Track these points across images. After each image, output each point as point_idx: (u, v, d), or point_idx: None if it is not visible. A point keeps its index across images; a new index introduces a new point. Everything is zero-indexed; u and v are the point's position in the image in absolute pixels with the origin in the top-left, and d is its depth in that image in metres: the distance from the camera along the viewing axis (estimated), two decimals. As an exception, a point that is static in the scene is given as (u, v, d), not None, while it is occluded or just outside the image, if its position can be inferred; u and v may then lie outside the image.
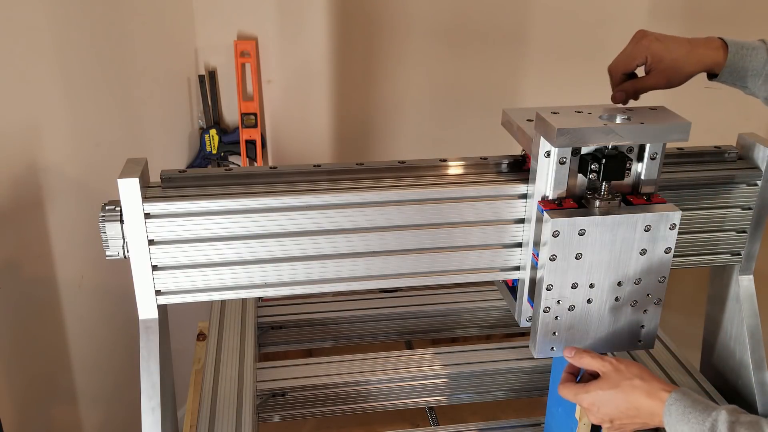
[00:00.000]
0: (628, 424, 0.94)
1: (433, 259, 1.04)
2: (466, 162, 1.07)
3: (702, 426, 0.83)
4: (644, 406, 0.91)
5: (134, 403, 1.06)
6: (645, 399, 0.91)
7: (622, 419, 0.93)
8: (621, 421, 0.93)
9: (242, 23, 2.02)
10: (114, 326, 1.79)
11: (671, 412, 0.87)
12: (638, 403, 0.91)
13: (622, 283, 0.99)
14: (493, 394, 1.36)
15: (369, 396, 1.32)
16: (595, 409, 0.95)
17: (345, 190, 1.00)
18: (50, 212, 1.55)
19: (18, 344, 1.54)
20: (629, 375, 0.93)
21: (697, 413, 0.85)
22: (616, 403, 0.93)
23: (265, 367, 1.35)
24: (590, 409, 0.95)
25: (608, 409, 0.93)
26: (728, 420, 0.82)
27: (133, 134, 1.81)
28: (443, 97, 2.24)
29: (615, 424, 0.94)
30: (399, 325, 1.52)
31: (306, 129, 2.19)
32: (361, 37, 2.11)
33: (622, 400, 0.92)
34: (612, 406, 0.93)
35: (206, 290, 1.01)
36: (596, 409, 0.94)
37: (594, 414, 0.95)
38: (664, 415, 0.88)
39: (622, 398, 0.92)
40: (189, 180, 1.01)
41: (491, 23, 2.15)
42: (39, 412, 1.65)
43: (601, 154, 0.94)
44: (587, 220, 0.94)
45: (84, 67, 1.59)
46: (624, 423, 0.94)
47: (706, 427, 0.83)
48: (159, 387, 1.00)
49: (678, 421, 0.86)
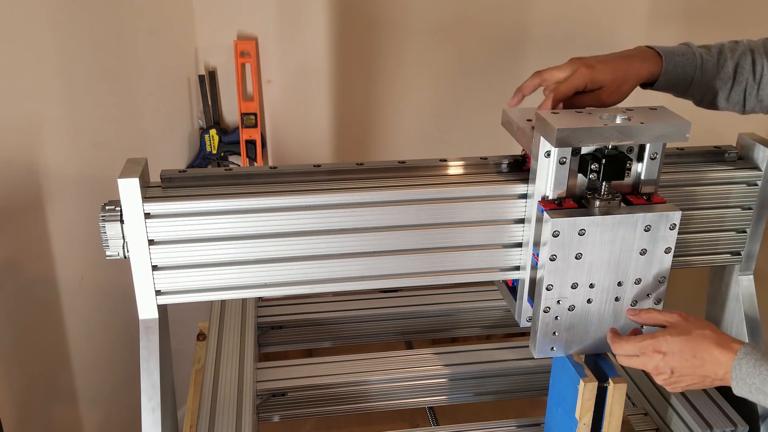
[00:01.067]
0: (688, 376, 0.91)
1: (433, 259, 1.04)
2: (466, 162, 1.07)
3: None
4: (713, 355, 0.88)
5: (134, 403, 1.06)
6: (715, 348, 0.88)
7: (684, 370, 0.90)
8: (682, 372, 0.91)
9: (242, 23, 2.02)
10: (114, 326, 1.79)
11: (741, 365, 0.86)
12: (707, 353, 0.89)
13: (622, 283, 0.99)
14: (493, 394, 1.36)
15: (369, 396, 1.32)
16: (659, 357, 0.91)
17: (345, 190, 1.00)
18: (50, 212, 1.55)
19: (18, 344, 1.54)
20: (700, 325, 0.91)
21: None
22: (682, 351, 0.90)
23: (265, 367, 1.35)
24: (653, 356, 0.92)
25: (673, 357, 0.90)
26: None
27: (133, 134, 1.81)
28: (443, 96, 2.24)
29: (674, 375, 0.91)
30: (399, 325, 1.52)
31: (306, 129, 2.18)
32: (361, 37, 2.11)
33: (691, 348, 0.89)
34: (678, 355, 0.90)
35: (206, 290, 1.01)
36: (660, 357, 0.91)
37: (655, 362, 0.92)
38: (734, 368, 0.86)
39: (691, 346, 0.90)
40: (189, 180, 1.01)
41: (491, 23, 2.15)
42: (39, 411, 1.65)
43: (601, 154, 0.94)
44: (587, 220, 0.94)
45: (84, 67, 1.59)
46: (684, 375, 0.91)
47: None
48: (159, 387, 1.00)
49: (749, 374, 0.85)
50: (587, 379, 1.00)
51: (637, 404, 1.32)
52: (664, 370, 0.92)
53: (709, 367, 0.89)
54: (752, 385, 0.85)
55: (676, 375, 0.92)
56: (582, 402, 1.01)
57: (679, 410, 1.20)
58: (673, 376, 0.92)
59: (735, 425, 1.16)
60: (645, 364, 0.94)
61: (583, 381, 1.00)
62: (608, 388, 1.01)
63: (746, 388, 0.86)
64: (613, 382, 1.00)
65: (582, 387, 1.00)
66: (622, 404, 1.02)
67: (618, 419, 1.03)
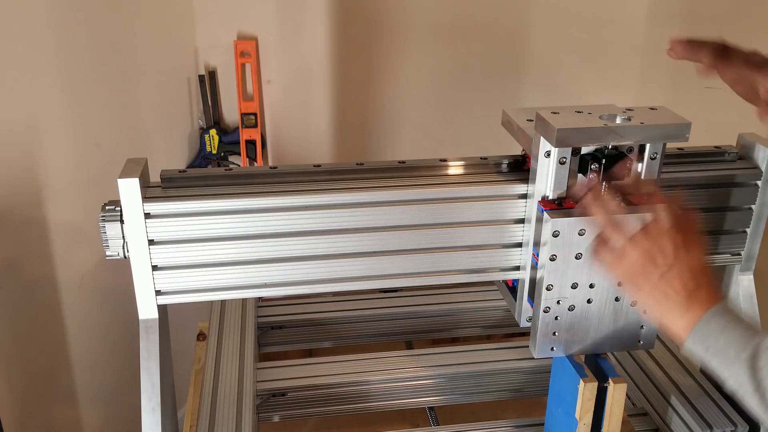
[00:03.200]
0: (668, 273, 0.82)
1: (433, 259, 1.04)
2: (466, 162, 1.07)
3: (745, 343, 0.75)
4: (705, 290, 0.81)
5: (134, 403, 1.06)
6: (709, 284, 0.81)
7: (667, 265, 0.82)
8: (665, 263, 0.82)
9: (242, 23, 2.02)
10: (114, 326, 1.79)
11: (710, 321, 0.79)
12: (706, 279, 0.81)
13: (623, 283, 0.99)
14: (493, 394, 1.36)
15: (369, 396, 1.32)
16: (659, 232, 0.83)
17: (345, 190, 0.99)
18: (50, 212, 1.55)
19: (18, 344, 1.54)
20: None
21: (740, 330, 0.77)
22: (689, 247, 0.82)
23: (265, 367, 1.35)
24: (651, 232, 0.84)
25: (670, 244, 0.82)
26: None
27: (133, 134, 1.81)
28: (443, 96, 2.24)
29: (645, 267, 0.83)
30: (399, 325, 1.52)
31: (306, 129, 2.19)
32: (361, 37, 2.11)
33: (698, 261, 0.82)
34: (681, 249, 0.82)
35: (206, 290, 1.01)
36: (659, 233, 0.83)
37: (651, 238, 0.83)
38: (701, 320, 0.79)
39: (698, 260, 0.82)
40: (189, 180, 1.01)
41: (491, 23, 2.15)
42: (39, 411, 1.65)
43: (601, 154, 0.94)
44: (587, 220, 0.94)
45: (84, 67, 1.59)
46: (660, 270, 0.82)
47: (751, 344, 0.75)
48: (159, 387, 1.00)
49: (713, 332, 0.78)
50: (587, 379, 1.00)
51: (637, 404, 1.32)
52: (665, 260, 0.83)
53: (692, 298, 0.81)
54: (713, 344, 0.78)
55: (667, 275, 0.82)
56: (582, 402, 1.01)
57: (679, 410, 1.20)
58: (664, 275, 0.82)
59: (735, 425, 1.16)
60: (656, 237, 0.84)
61: (583, 381, 1.00)
62: (608, 388, 1.01)
63: (702, 347, 0.79)
64: (613, 382, 1.00)
65: (582, 387, 1.00)
66: (622, 404, 1.02)
67: (618, 419, 1.03)
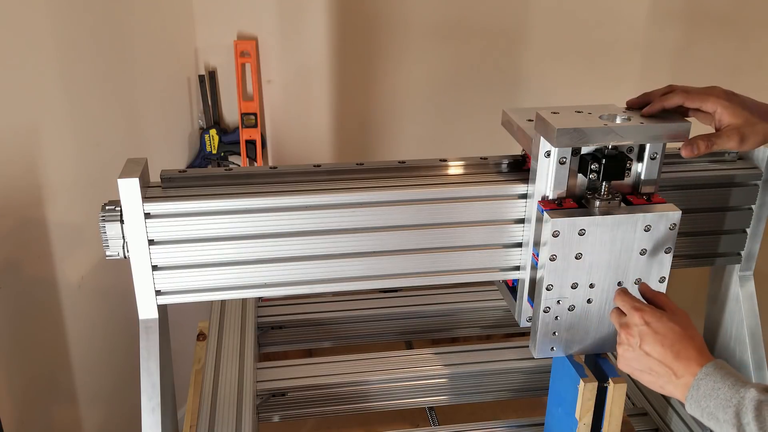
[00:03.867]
0: (650, 360, 0.87)
1: (433, 259, 1.04)
2: (466, 162, 1.07)
3: (728, 402, 0.78)
4: (689, 359, 0.84)
5: (134, 403, 1.06)
6: (695, 354, 0.84)
7: (653, 351, 0.86)
8: (649, 351, 0.87)
9: (242, 23, 2.02)
10: (114, 326, 1.79)
11: (700, 386, 0.82)
12: (686, 352, 0.84)
13: (622, 283, 0.99)
14: (493, 394, 1.36)
15: (369, 396, 1.32)
16: (641, 324, 0.88)
17: (345, 190, 1.00)
18: (50, 212, 1.55)
19: (18, 344, 1.54)
20: (692, 328, 0.88)
21: (726, 389, 0.80)
22: (666, 335, 0.86)
23: (265, 367, 1.35)
24: (638, 320, 0.88)
25: (654, 335, 0.86)
26: (756, 399, 0.77)
27: (133, 134, 1.81)
28: (443, 96, 2.24)
29: (637, 350, 0.88)
30: (399, 325, 1.52)
31: (306, 129, 2.19)
32: (361, 36, 2.11)
33: (676, 338, 0.85)
34: (660, 335, 0.86)
35: (206, 290, 1.01)
36: (642, 325, 0.87)
37: (636, 328, 0.88)
38: (692, 386, 0.82)
39: (677, 337, 0.86)
40: (189, 180, 1.01)
41: (491, 23, 2.15)
42: (39, 412, 1.65)
43: (601, 154, 0.94)
44: (587, 220, 0.94)
45: (84, 67, 1.59)
46: (648, 356, 0.87)
47: (733, 403, 0.78)
48: (159, 387, 1.00)
49: (705, 396, 0.81)
50: (587, 379, 1.00)
51: (637, 404, 1.32)
52: (633, 339, 0.88)
53: (677, 366, 0.85)
54: (705, 408, 0.81)
55: (638, 351, 0.87)
56: (582, 402, 1.01)
57: (679, 410, 1.20)
58: (637, 352, 0.88)
59: (735, 425, 1.15)
60: (626, 322, 0.90)
61: (583, 381, 1.00)
62: (608, 388, 1.01)
63: (698, 411, 0.82)
64: (613, 382, 1.00)
65: (582, 387, 1.00)
66: (622, 404, 1.02)
67: (618, 419, 1.03)
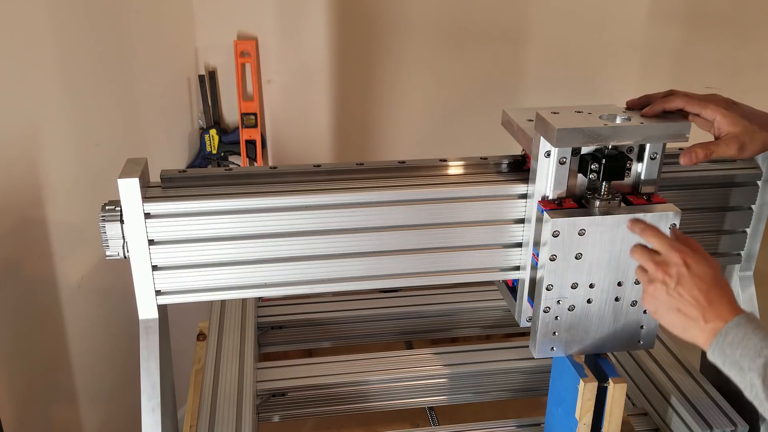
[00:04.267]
0: (682, 302, 0.86)
1: (433, 259, 1.04)
2: (466, 162, 1.07)
3: (758, 353, 0.78)
4: (721, 307, 0.84)
5: (134, 403, 1.06)
6: (726, 303, 0.84)
7: (687, 294, 0.86)
8: (683, 293, 0.86)
9: (242, 23, 2.02)
10: (114, 326, 1.79)
11: (728, 333, 0.82)
12: (720, 300, 0.84)
13: (622, 283, 0.99)
14: (493, 394, 1.36)
15: (369, 396, 1.32)
16: (680, 265, 0.87)
17: (345, 190, 0.99)
18: (50, 212, 1.55)
19: (18, 344, 1.54)
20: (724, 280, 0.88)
21: (757, 340, 0.80)
22: (704, 279, 0.86)
23: (265, 367, 1.35)
24: (677, 260, 0.87)
25: (691, 277, 0.86)
26: None
27: (133, 134, 1.81)
28: (443, 97, 2.24)
29: (672, 292, 0.87)
30: (399, 325, 1.52)
31: (306, 129, 2.19)
32: (361, 37, 2.11)
33: (713, 283, 0.85)
34: (697, 279, 0.86)
35: (206, 290, 1.01)
36: (682, 266, 0.86)
37: (675, 268, 0.87)
38: (720, 333, 0.82)
39: (714, 282, 0.85)
40: (189, 180, 1.01)
41: (491, 23, 2.15)
42: (39, 412, 1.65)
43: (601, 154, 0.94)
44: (587, 220, 0.94)
45: (84, 67, 1.59)
46: (681, 298, 0.86)
47: (764, 354, 0.78)
48: (159, 387, 1.00)
49: (731, 345, 0.81)
50: (587, 379, 1.00)
51: (637, 404, 1.32)
52: (670, 278, 0.87)
53: (708, 311, 0.84)
54: (729, 356, 0.81)
55: (673, 293, 0.87)
56: (582, 402, 1.01)
57: (679, 410, 1.20)
58: (671, 291, 0.87)
59: (735, 425, 1.16)
60: (663, 260, 0.88)
61: (583, 381, 1.00)
62: (608, 388, 1.01)
63: (721, 359, 0.82)
64: (613, 382, 1.00)
65: (582, 387, 1.00)
66: (622, 404, 1.02)
67: (618, 419, 1.03)
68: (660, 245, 0.91)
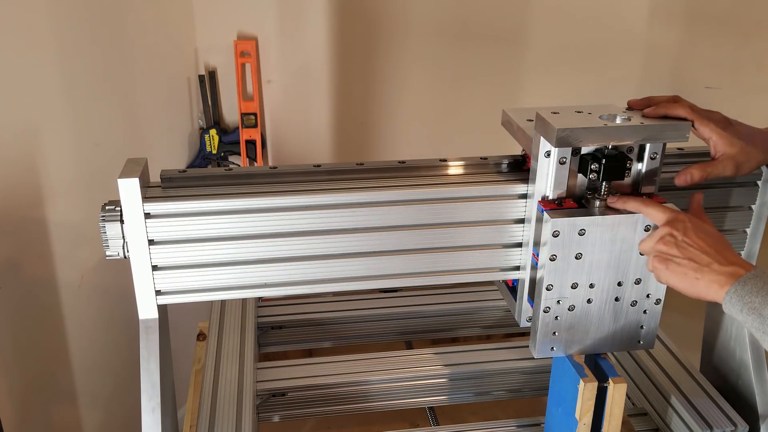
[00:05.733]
0: (694, 251, 0.87)
1: (433, 259, 1.04)
2: (466, 162, 1.07)
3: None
4: (732, 256, 0.86)
5: (134, 403, 1.06)
6: (735, 254, 0.87)
7: (696, 244, 0.87)
8: (692, 245, 0.87)
9: (242, 23, 2.02)
10: (114, 326, 1.79)
11: (747, 281, 0.83)
12: (730, 250, 0.86)
13: (622, 283, 0.99)
14: (493, 394, 1.36)
15: (369, 396, 1.32)
16: (686, 221, 0.89)
17: (345, 190, 0.99)
18: (50, 212, 1.55)
19: (18, 344, 1.54)
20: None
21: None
22: (710, 233, 0.88)
23: (265, 367, 1.35)
24: (682, 219, 0.89)
25: (697, 231, 0.88)
26: None
27: (133, 134, 1.81)
28: (443, 97, 2.24)
29: (681, 245, 0.88)
30: (399, 325, 1.52)
31: (306, 129, 2.19)
32: (361, 37, 2.11)
33: (720, 238, 0.88)
34: (703, 233, 0.88)
35: (206, 290, 1.01)
36: (687, 222, 0.89)
37: (681, 225, 0.89)
38: (739, 280, 0.83)
39: (720, 236, 0.88)
40: (189, 180, 1.01)
41: (491, 23, 2.15)
42: (39, 412, 1.65)
43: (601, 154, 0.94)
44: (587, 220, 0.94)
45: (84, 67, 1.59)
46: (689, 249, 0.87)
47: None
48: (159, 387, 1.00)
49: (750, 293, 0.82)
50: (587, 379, 1.00)
51: (637, 404, 1.32)
52: (677, 231, 0.88)
53: (719, 258, 0.86)
54: (749, 303, 0.82)
55: (682, 243, 0.88)
56: (582, 402, 1.01)
57: (679, 410, 1.20)
58: (679, 242, 0.88)
59: (735, 425, 1.16)
60: (671, 219, 0.90)
61: (583, 381, 1.00)
62: (608, 388, 1.01)
63: (738, 305, 0.83)
64: (613, 382, 1.00)
65: (582, 387, 1.00)
66: (622, 404, 1.02)
67: (618, 419, 1.03)
68: (663, 212, 0.92)
